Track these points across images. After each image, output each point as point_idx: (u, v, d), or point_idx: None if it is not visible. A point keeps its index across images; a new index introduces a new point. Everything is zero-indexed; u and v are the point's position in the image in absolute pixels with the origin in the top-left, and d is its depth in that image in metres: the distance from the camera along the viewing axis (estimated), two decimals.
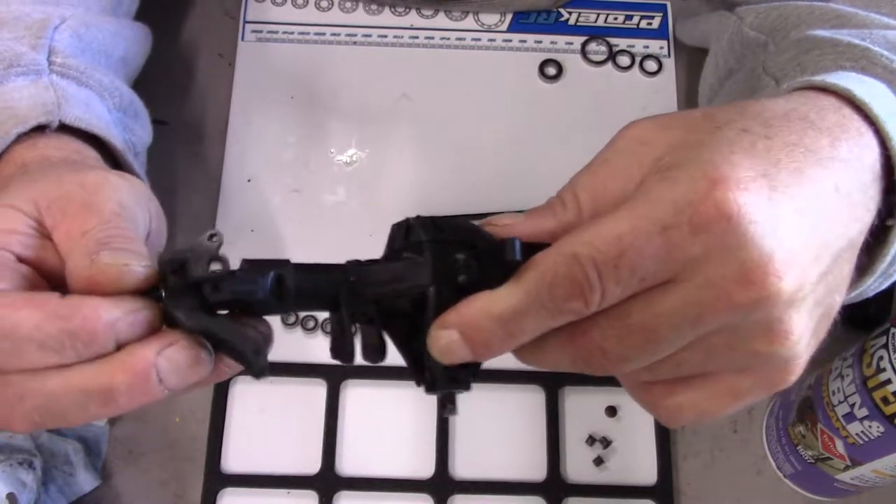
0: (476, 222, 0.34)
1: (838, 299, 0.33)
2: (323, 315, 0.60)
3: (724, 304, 0.29)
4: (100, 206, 0.34)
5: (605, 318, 0.31)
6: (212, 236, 0.32)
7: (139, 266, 0.32)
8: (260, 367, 0.32)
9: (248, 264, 0.32)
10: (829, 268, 0.32)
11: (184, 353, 0.31)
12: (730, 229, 0.29)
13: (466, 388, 0.33)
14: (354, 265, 0.33)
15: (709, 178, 0.29)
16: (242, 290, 0.31)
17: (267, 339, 0.34)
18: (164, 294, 0.32)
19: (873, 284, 0.39)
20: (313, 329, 0.61)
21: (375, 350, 0.33)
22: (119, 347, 0.31)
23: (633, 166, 0.33)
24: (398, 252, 0.33)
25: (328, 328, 0.60)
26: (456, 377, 0.33)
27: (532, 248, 0.32)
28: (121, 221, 0.34)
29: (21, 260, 0.34)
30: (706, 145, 0.31)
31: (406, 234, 0.34)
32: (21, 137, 0.42)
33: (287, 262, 0.33)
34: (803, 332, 0.31)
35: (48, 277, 0.35)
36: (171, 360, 0.31)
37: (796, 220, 0.30)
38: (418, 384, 0.34)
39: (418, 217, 0.33)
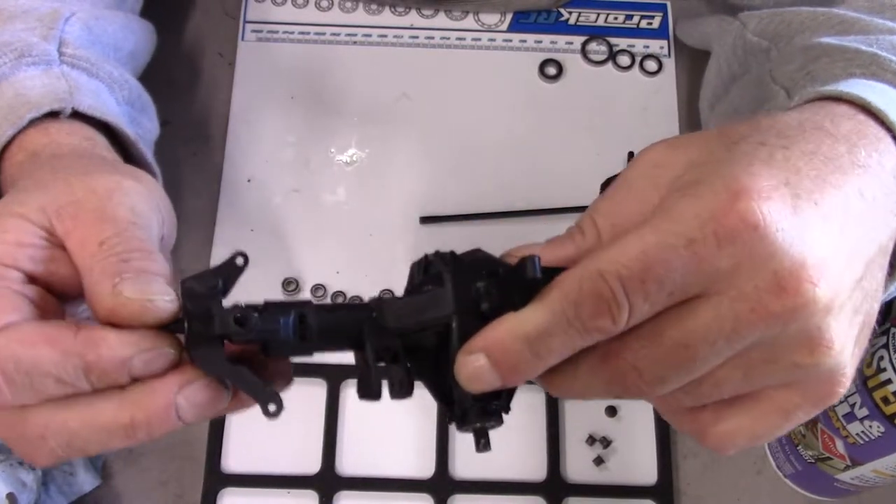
0: (496, 255, 0.34)
1: (875, 306, 0.33)
2: None
3: (759, 316, 0.29)
4: (113, 214, 0.34)
5: (637, 337, 0.30)
6: (238, 257, 0.32)
7: (163, 300, 0.32)
8: (276, 411, 0.32)
9: (270, 306, 0.32)
10: (863, 273, 0.31)
11: (203, 392, 0.32)
12: (757, 239, 0.28)
13: (499, 421, 0.33)
14: (376, 301, 0.33)
15: (730, 190, 0.29)
16: (266, 331, 0.31)
17: (285, 379, 0.35)
18: (185, 332, 0.32)
19: (895, 292, 0.38)
20: None
21: (402, 386, 0.33)
22: (136, 377, 0.31)
23: (650, 189, 0.32)
24: (419, 287, 0.33)
25: None
26: (487, 409, 0.32)
27: (553, 272, 0.31)
28: (136, 231, 0.34)
29: (30, 275, 0.33)
30: (724, 161, 0.30)
31: (425, 269, 0.33)
32: (33, 123, 0.41)
33: (309, 302, 0.32)
34: (845, 340, 0.30)
35: (58, 289, 0.34)
36: (190, 398, 0.31)
37: (824, 226, 0.29)
38: (449, 421, 0.33)
39: (436, 252, 0.33)
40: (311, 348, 0.33)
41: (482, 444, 0.33)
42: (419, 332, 0.32)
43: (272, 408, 0.31)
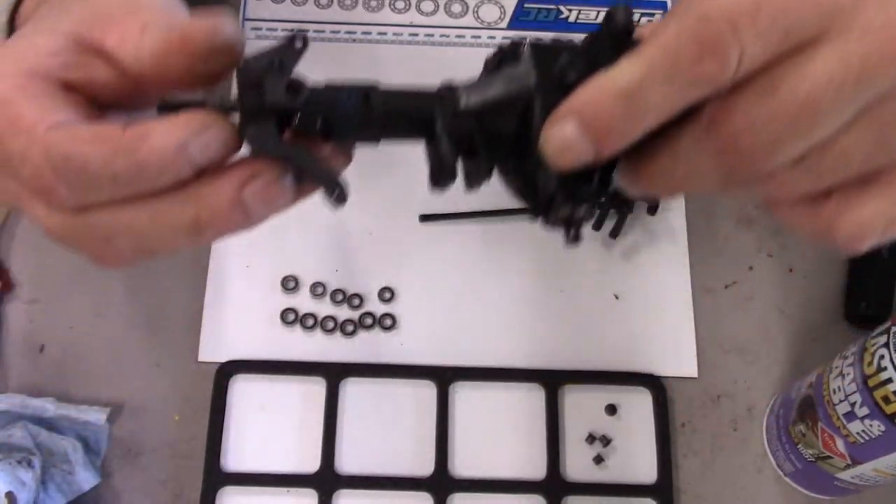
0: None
1: None
2: (323, 312, 0.60)
3: (889, 55, 0.25)
4: (150, 6, 0.33)
5: (749, 92, 0.26)
6: (297, 40, 0.30)
7: (230, 24, 0.30)
8: (340, 195, 0.30)
9: (332, 85, 0.30)
10: None
11: (268, 184, 0.30)
12: None
13: (590, 209, 0.29)
14: (447, 85, 0.30)
15: None
16: (325, 103, 0.29)
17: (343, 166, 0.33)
18: (240, 108, 0.30)
19: None
20: (313, 327, 0.60)
21: (480, 173, 0.30)
22: (196, 167, 0.30)
23: None
24: (495, 71, 0.31)
25: (328, 326, 0.60)
26: (576, 193, 0.29)
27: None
28: (175, 17, 0.33)
29: (66, 83, 0.32)
30: None
31: (500, 60, 0.31)
32: None
33: (375, 83, 0.30)
34: None
35: (97, 96, 0.33)
36: (255, 192, 0.30)
37: None
38: (534, 215, 0.30)
39: (512, 40, 0.31)
40: (377, 132, 0.30)
41: (572, 235, 0.30)
42: (497, 118, 0.29)
43: (336, 192, 0.30)
